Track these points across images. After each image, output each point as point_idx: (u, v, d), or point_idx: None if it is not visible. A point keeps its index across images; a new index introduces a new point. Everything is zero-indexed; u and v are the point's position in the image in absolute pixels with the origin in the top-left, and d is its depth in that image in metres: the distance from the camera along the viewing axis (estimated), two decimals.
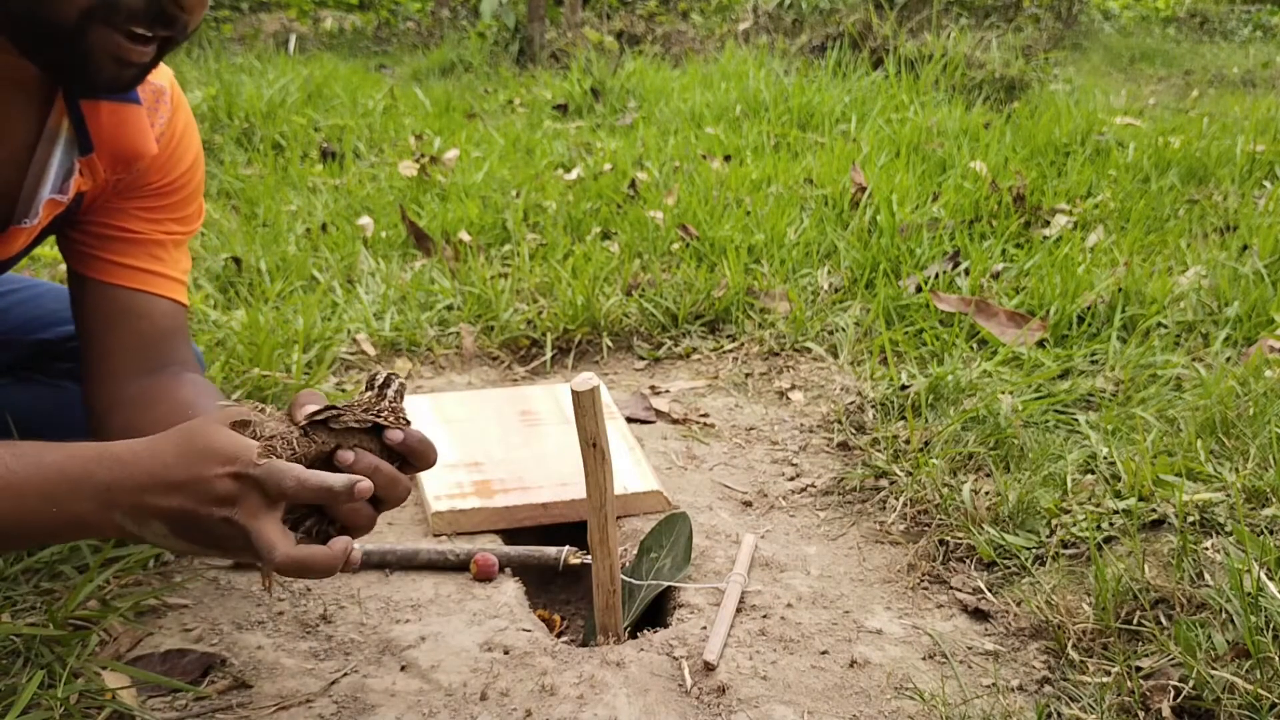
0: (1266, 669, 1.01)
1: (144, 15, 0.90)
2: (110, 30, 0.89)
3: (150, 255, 1.20)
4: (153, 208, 1.20)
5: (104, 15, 0.88)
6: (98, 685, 1.03)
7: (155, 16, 0.90)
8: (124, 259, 1.18)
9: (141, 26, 0.90)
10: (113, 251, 1.18)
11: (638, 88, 4.55)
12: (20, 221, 1.09)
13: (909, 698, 1.09)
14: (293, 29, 8.57)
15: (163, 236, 1.21)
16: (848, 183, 2.84)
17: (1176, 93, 5.99)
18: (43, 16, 0.87)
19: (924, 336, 2.01)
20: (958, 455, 1.57)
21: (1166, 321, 2.05)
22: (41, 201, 1.08)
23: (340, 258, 2.53)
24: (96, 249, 1.18)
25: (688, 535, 1.34)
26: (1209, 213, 2.82)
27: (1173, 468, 1.43)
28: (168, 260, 1.22)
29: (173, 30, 0.93)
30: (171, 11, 0.91)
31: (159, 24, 0.91)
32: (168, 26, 0.92)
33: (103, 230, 1.18)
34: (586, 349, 2.13)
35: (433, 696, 1.07)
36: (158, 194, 1.20)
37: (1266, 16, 9.40)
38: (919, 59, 4.39)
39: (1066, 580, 1.27)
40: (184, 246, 1.26)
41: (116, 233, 1.18)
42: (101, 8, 0.87)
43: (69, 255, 1.20)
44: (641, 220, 2.68)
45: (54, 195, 1.08)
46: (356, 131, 4.02)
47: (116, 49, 0.90)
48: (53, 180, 1.08)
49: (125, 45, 0.90)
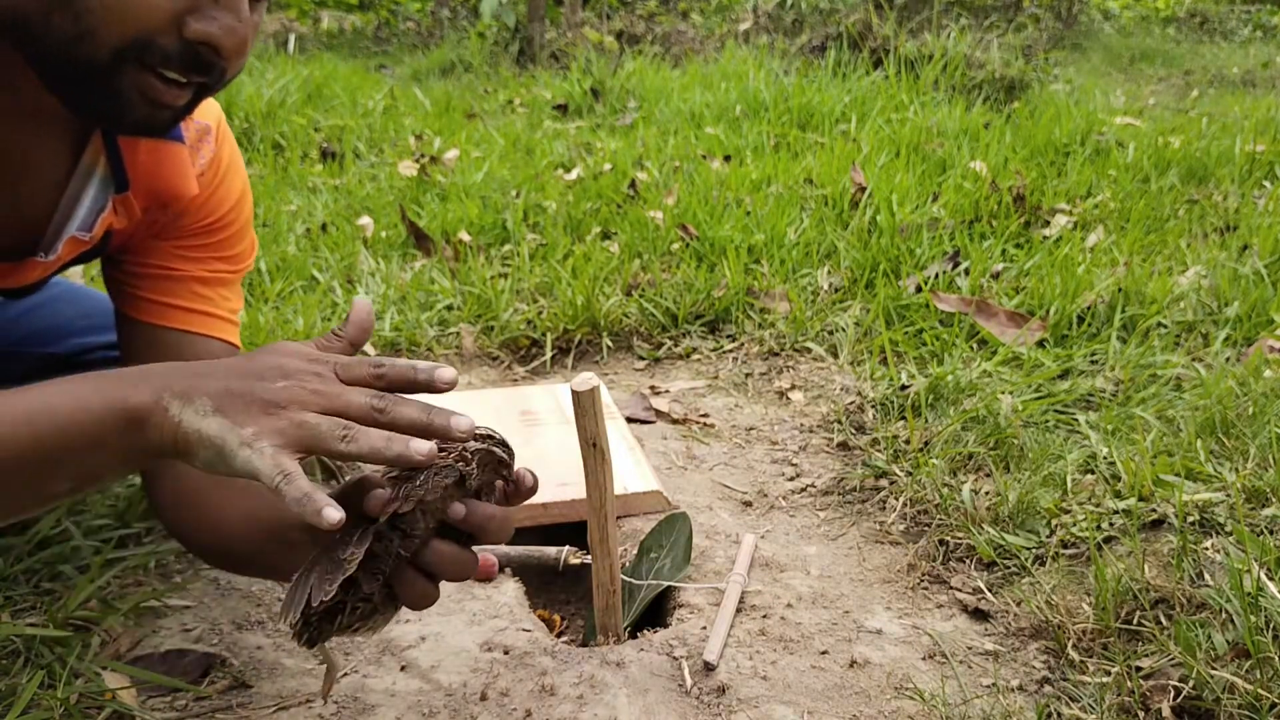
0: (1266, 669, 1.01)
1: (178, 60, 0.86)
2: (143, 72, 0.86)
3: (194, 294, 1.16)
4: (195, 246, 1.16)
5: (137, 56, 0.84)
6: (98, 685, 1.03)
7: (190, 62, 0.87)
8: (167, 298, 1.15)
9: (175, 71, 0.86)
10: (156, 290, 1.14)
11: (638, 88, 4.55)
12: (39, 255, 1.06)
13: (909, 698, 1.09)
14: (292, 29, 8.57)
15: (207, 275, 1.17)
16: (848, 183, 2.84)
17: (1176, 93, 5.99)
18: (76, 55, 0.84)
19: (924, 336, 2.01)
20: (958, 455, 1.57)
21: (1166, 321, 2.05)
22: (65, 238, 1.05)
23: (340, 258, 2.53)
24: (139, 288, 1.14)
25: (688, 535, 1.34)
26: (1209, 213, 2.82)
27: (1172, 468, 1.43)
28: (215, 299, 1.18)
29: (208, 77, 0.89)
30: (208, 58, 0.87)
31: (194, 70, 0.87)
32: (203, 73, 0.88)
33: (144, 269, 1.14)
34: (586, 349, 2.13)
35: (433, 696, 1.07)
36: (199, 234, 1.16)
37: (1266, 16, 9.40)
38: (919, 59, 4.39)
39: (1066, 580, 1.27)
40: (234, 285, 1.21)
41: (158, 271, 1.14)
42: (134, 48, 0.84)
43: (114, 294, 1.17)
44: (641, 220, 2.68)
45: (77, 233, 1.05)
46: (356, 131, 4.02)
47: (150, 90, 0.87)
48: (81, 217, 1.05)
49: (159, 87, 0.87)
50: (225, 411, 0.75)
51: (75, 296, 1.36)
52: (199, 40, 0.85)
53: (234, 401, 0.76)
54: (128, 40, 0.83)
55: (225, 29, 0.85)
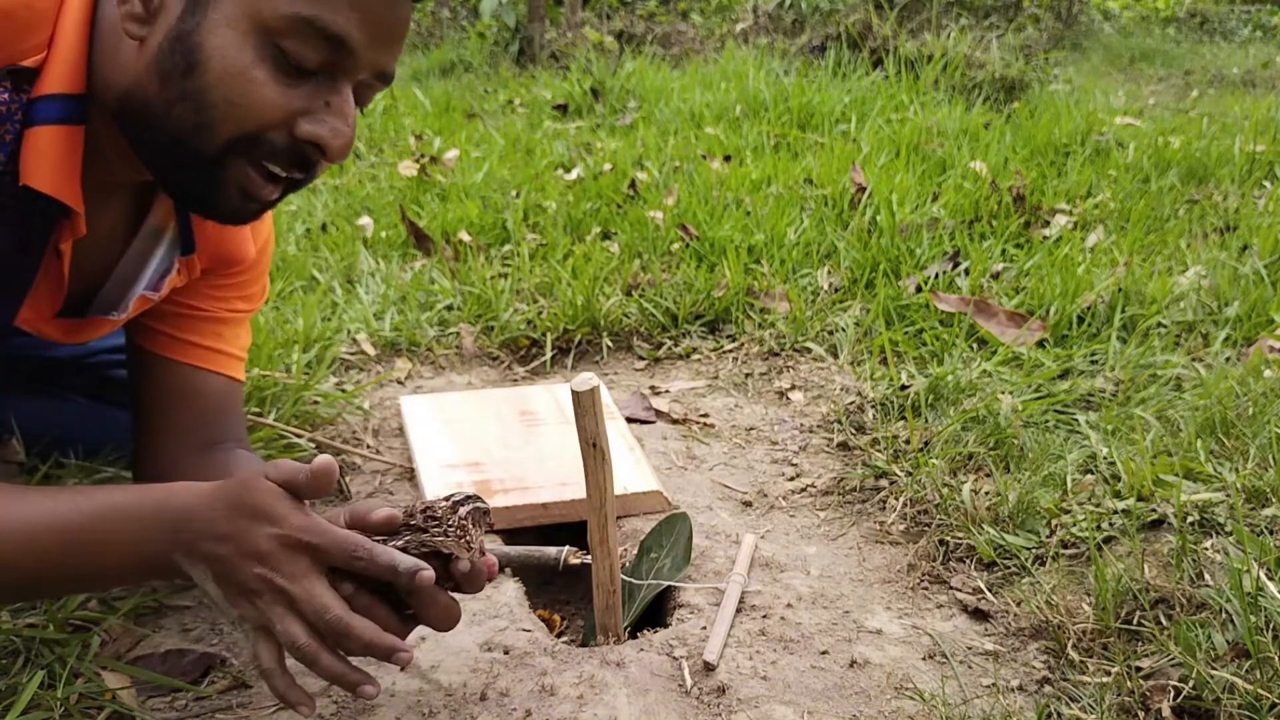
0: (1266, 669, 1.01)
1: (284, 155, 0.89)
2: (246, 164, 0.89)
3: (214, 333, 1.20)
4: (221, 286, 1.20)
5: (245, 149, 0.88)
6: (98, 685, 1.03)
7: (294, 158, 0.90)
8: (187, 335, 1.19)
9: (279, 166, 0.90)
10: (176, 328, 1.18)
11: (637, 88, 4.55)
12: (109, 313, 1.09)
13: (909, 698, 1.09)
14: None
15: (228, 314, 1.21)
16: (847, 183, 2.84)
17: (1176, 93, 6.00)
18: (189, 145, 0.87)
19: (924, 336, 2.01)
20: (958, 455, 1.57)
21: (1166, 321, 2.05)
22: (134, 297, 1.09)
23: (340, 258, 2.53)
24: (160, 324, 1.18)
25: (688, 535, 1.34)
26: (1209, 213, 2.82)
27: (1172, 468, 1.43)
28: (229, 337, 1.22)
29: (307, 175, 0.93)
30: (313, 157, 0.90)
31: (296, 166, 0.91)
32: (304, 170, 0.92)
33: (169, 308, 1.18)
34: (586, 349, 2.13)
35: (432, 696, 1.07)
36: (229, 276, 1.20)
37: (1266, 16, 9.41)
38: (919, 59, 4.39)
39: (1066, 580, 1.27)
40: (246, 323, 1.26)
41: (182, 310, 1.18)
42: (244, 141, 0.87)
43: (131, 327, 1.20)
44: (641, 220, 2.68)
45: (146, 291, 1.09)
46: (356, 131, 4.01)
47: (248, 183, 0.90)
48: (149, 277, 1.09)
49: (257, 181, 0.90)
50: (219, 583, 0.87)
51: None
52: (307, 140, 0.89)
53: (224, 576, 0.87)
54: (242, 135, 0.87)
55: (334, 132, 0.89)
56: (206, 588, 0.88)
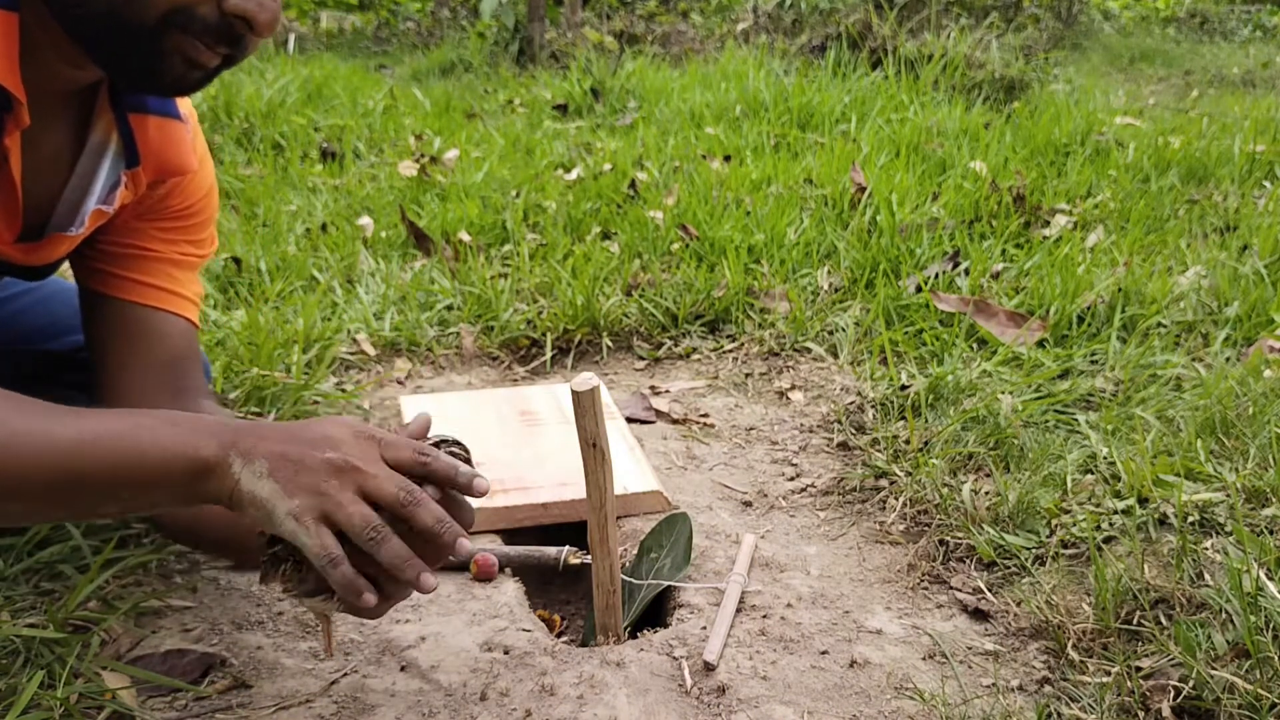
0: (1266, 669, 1.01)
1: (215, 31, 0.93)
2: (185, 36, 0.93)
3: (167, 275, 1.22)
4: (170, 228, 1.22)
5: (182, 23, 0.91)
6: (98, 685, 1.03)
7: (224, 34, 0.94)
8: (142, 276, 1.20)
9: (210, 39, 0.94)
10: (130, 269, 1.20)
11: (638, 88, 4.55)
12: (66, 229, 1.11)
13: (909, 698, 1.09)
14: (292, 29, 8.56)
15: (179, 257, 1.24)
16: (847, 183, 2.84)
17: (1176, 93, 6.00)
18: (123, 18, 0.90)
19: (924, 336, 2.01)
20: (958, 455, 1.57)
21: (1166, 321, 2.05)
22: (88, 211, 1.10)
23: (340, 258, 2.53)
24: (114, 266, 1.20)
25: (688, 535, 1.34)
26: (1209, 213, 2.82)
27: (1172, 468, 1.43)
28: (183, 280, 1.24)
29: (236, 49, 0.97)
30: (240, 31, 0.95)
31: (224, 41, 0.95)
32: (232, 45, 0.96)
33: (121, 248, 1.20)
34: (586, 349, 2.13)
35: (432, 696, 1.07)
36: (176, 216, 1.23)
37: (1266, 16, 9.41)
38: (919, 59, 4.39)
39: (1066, 580, 1.27)
40: (196, 270, 1.28)
41: (135, 251, 1.20)
42: (180, 15, 0.91)
43: (84, 274, 1.22)
44: (641, 220, 2.68)
45: (100, 205, 1.11)
46: (356, 131, 4.02)
47: (190, 50, 0.94)
48: (99, 191, 1.11)
49: (198, 47, 0.94)
50: (277, 476, 0.85)
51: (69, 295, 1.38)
52: (235, 14, 0.93)
53: (286, 467, 0.85)
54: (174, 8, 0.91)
55: (259, 5, 0.93)
56: (256, 488, 0.84)
